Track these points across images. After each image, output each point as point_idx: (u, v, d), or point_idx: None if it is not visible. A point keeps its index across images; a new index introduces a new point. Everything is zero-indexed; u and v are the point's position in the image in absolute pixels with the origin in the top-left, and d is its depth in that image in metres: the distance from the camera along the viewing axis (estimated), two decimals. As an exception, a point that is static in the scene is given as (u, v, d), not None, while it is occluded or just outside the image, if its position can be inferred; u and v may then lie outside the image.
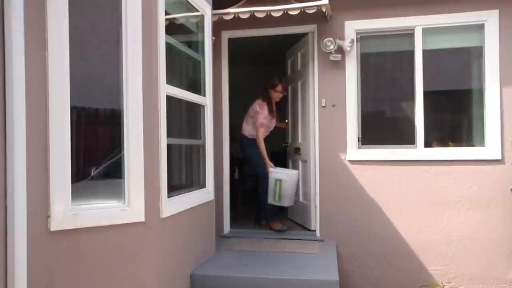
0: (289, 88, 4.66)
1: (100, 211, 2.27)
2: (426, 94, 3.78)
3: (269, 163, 4.05)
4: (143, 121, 2.36)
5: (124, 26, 2.33)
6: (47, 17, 2.11)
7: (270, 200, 3.88)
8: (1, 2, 1.87)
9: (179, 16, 3.09)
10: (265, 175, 4.04)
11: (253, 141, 4.17)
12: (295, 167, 4.52)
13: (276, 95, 4.15)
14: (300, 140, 4.37)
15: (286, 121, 4.53)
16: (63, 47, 2.14)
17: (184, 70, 3.24)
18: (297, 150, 4.40)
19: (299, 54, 4.42)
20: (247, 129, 4.27)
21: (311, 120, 4.02)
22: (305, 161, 4.23)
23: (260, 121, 4.06)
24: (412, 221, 3.75)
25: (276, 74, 4.45)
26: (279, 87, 4.12)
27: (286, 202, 3.87)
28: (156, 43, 2.46)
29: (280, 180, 3.82)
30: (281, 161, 4.67)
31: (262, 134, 4.11)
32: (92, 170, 2.39)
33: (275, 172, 3.90)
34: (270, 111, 4.12)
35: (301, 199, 4.33)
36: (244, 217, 4.82)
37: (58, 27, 2.13)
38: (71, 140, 2.17)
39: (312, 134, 4.02)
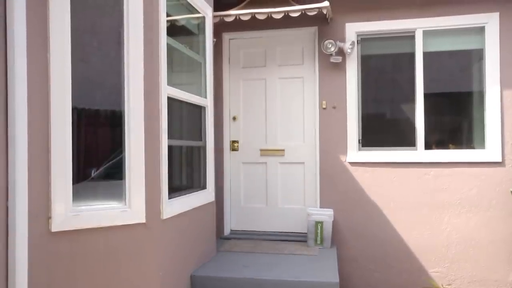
0: (242, 82, 4.30)
1: (101, 212, 2.28)
2: (426, 96, 3.79)
3: None
4: (144, 122, 2.37)
5: (125, 27, 2.34)
6: (49, 15, 2.11)
7: (311, 244, 3.62)
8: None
9: (181, 17, 3.09)
10: None
11: None
12: (265, 169, 4.26)
13: None
14: (280, 141, 4.20)
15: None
16: (65, 47, 2.15)
17: (185, 72, 3.25)
18: (277, 151, 4.19)
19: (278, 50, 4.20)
20: None
21: (311, 121, 4.02)
22: (292, 163, 4.11)
23: None
24: (412, 223, 3.75)
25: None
26: None
27: (327, 244, 3.62)
28: (157, 45, 2.47)
29: (322, 222, 3.59)
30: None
31: None
32: (93, 171, 2.39)
33: (315, 214, 3.64)
34: None
35: (291, 204, 4.15)
36: (244, 219, 4.81)
37: (60, 27, 2.13)
38: (72, 141, 2.18)
39: (312, 136, 4.02)
